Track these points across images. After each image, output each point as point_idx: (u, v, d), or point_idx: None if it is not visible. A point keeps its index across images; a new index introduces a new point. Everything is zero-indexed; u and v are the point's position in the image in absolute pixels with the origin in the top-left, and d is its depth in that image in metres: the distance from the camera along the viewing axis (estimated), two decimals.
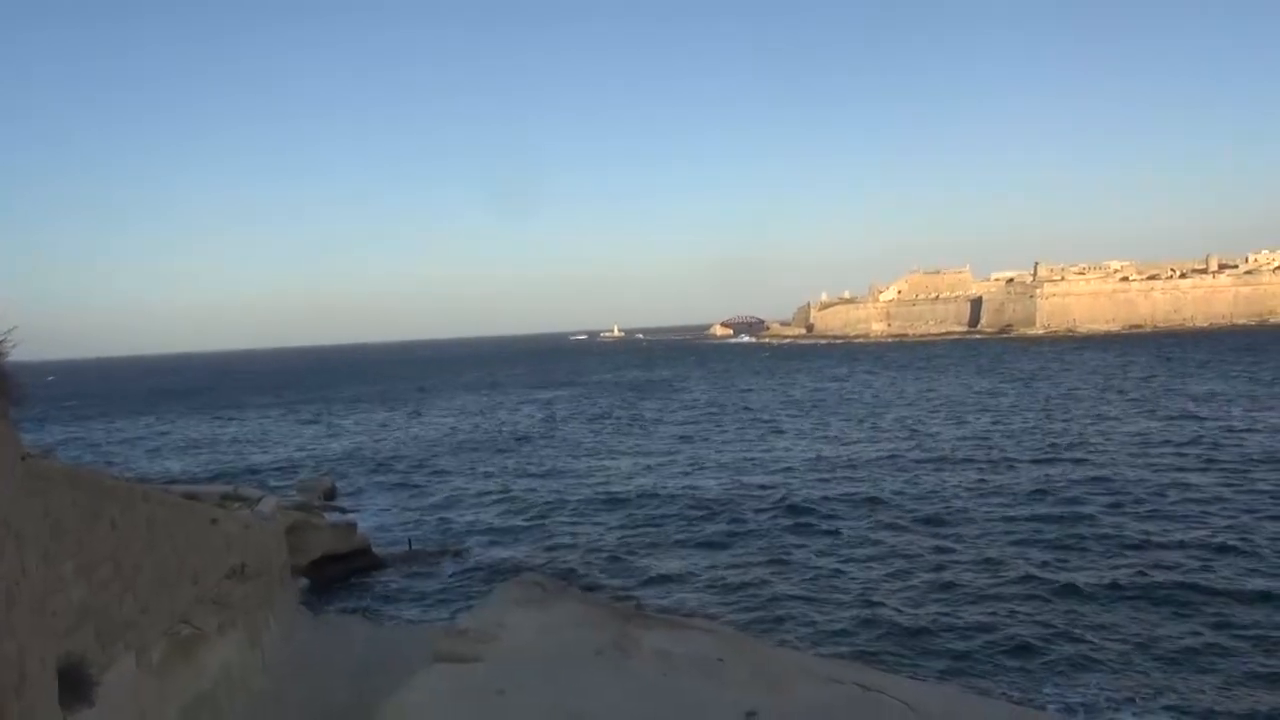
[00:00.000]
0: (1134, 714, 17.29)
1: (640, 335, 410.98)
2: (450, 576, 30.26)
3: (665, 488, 43.22)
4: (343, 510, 39.31)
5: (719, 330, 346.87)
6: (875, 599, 24.97)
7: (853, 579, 27.09)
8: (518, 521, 38.19)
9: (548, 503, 41.57)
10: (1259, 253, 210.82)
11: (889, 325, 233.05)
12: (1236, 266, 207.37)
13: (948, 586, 25.66)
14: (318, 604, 26.10)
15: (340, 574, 29.60)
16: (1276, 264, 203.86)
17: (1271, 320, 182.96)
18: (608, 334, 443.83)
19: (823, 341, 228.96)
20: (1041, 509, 34.30)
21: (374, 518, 39.51)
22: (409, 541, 34.15)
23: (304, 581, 26.75)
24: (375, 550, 32.10)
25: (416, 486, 47.99)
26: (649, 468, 49.87)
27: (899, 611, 23.77)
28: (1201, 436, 48.56)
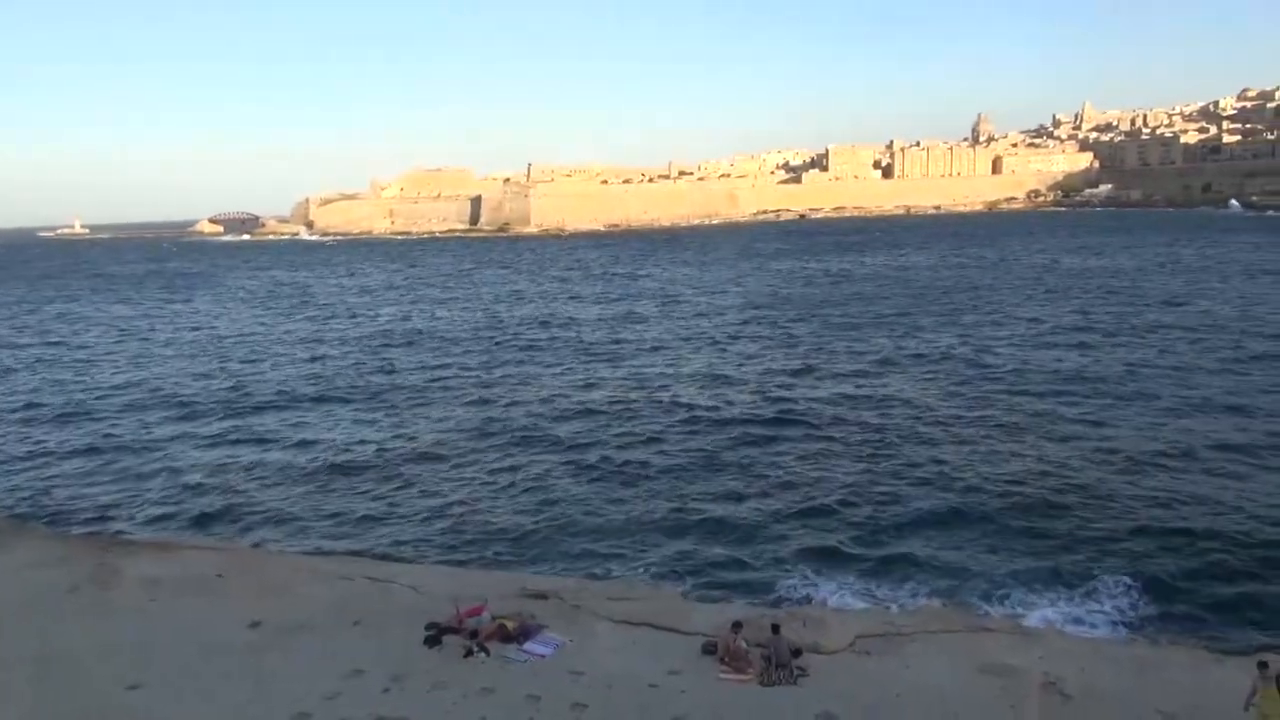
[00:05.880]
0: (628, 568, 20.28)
1: (105, 235, 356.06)
2: None
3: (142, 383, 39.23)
4: None
5: (207, 227, 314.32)
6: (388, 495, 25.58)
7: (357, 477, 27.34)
8: None
9: None
10: (708, 161, 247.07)
11: (393, 223, 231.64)
12: (692, 173, 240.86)
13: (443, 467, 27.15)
14: None
15: None
16: (720, 172, 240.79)
17: (716, 220, 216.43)
18: (68, 230, 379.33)
19: (326, 239, 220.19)
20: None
21: None
22: None
23: None
24: None
25: None
26: (136, 364, 44.67)
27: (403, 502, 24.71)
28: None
